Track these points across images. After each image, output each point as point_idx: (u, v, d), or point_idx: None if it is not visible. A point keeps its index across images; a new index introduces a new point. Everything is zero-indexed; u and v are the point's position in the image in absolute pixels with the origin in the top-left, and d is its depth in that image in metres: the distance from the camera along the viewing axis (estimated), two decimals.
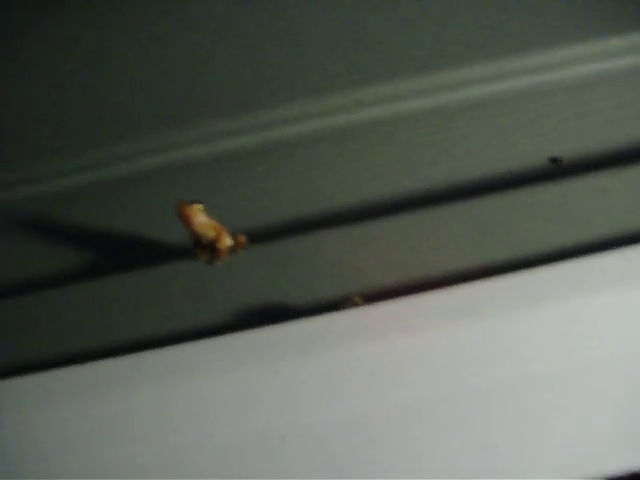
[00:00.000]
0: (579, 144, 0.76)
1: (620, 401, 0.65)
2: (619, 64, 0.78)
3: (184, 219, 0.71)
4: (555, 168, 0.75)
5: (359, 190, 0.76)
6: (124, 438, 0.66)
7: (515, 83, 0.78)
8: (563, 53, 0.78)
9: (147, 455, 0.65)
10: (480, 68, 0.78)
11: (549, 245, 0.72)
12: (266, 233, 0.75)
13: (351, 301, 0.69)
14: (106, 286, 0.75)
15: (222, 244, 0.72)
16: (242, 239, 0.73)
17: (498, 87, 0.78)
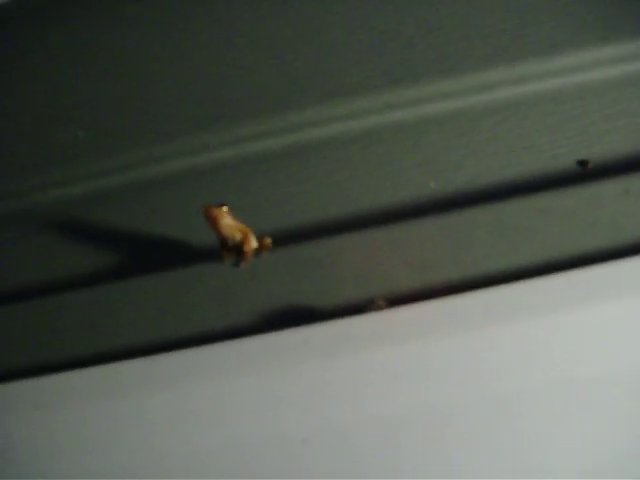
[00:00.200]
0: (607, 146, 0.75)
1: None
2: None
3: (211, 221, 0.72)
4: (582, 171, 0.74)
5: (384, 193, 0.76)
6: (145, 439, 0.67)
7: (542, 85, 0.77)
8: (590, 55, 0.77)
9: (169, 457, 0.66)
10: (506, 70, 0.78)
11: (576, 249, 0.71)
12: (291, 235, 0.75)
13: (375, 304, 0.69)
14: (132, 288, 0.75)
15: (248, 246, 0.73)
16: (268, 241, 0.74)
17: (524, 89, 0.77)
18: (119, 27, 0.87)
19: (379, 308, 0.68)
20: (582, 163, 0.74)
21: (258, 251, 0.74)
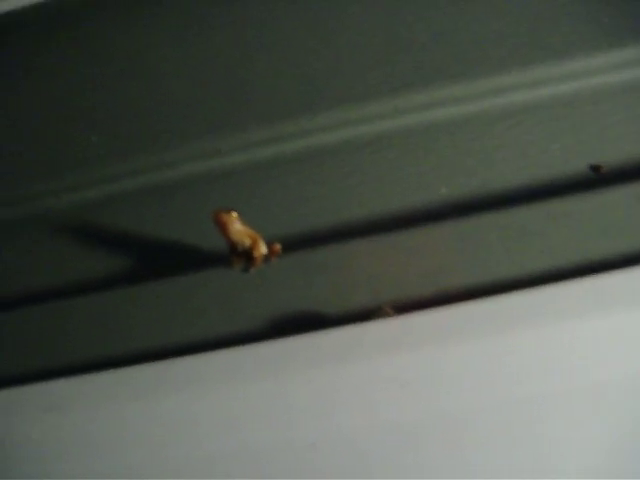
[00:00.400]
0: (620, 151, 0.74)
1: None
2: None
3: (220, 227, 0.72)
4: (595, 176, 0.73)
5: (395, 198, 0.76)
6: (154, 443, 0.67)
7: (554, 89, 0.76)
8: (603, 58, 0.76)
9: (178, 461, 0.66)
10: (519, 74, 0.77)
11: (589, 255, 0.70)
12: (301, 240, 0.75)
13: (383, 311, 0.68)
14: (143, 292, 0.76)
15: (258, 252, 0.73)
16: (277, 247, 0.74)
17: (537, 94, 0.77)
18: (133, 33, 0.88)
19: (386, 315, 0.68)
20: (595, 168, 0.73)
21: (267, 257, 0.74)
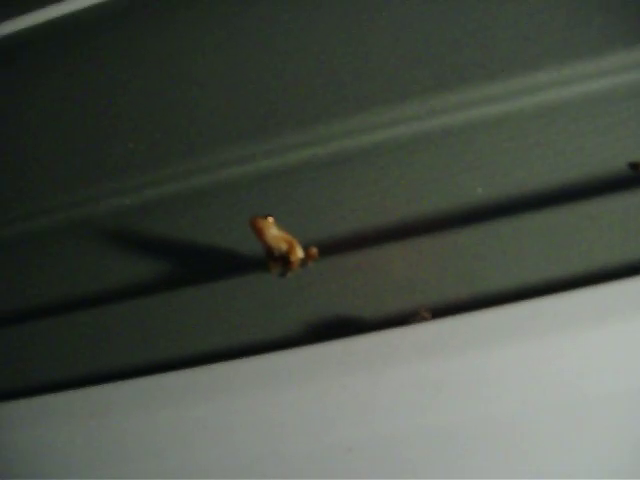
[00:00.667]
0: None
1: None
2: None
3: (257, 232, 0.72)
4: (634, 174, 0.72)
5: (430, 200, 0.75)
6: (192, 449, 0.68)
7: (591, 86, 0.75)
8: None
9: (214, 467, 0.67)
10: (555, 72, 0.76)
11: (629, 256, 0.69)
12: (336, 245, 0.75)
13: (419, 315, 0.68)
14: (179, 298, 0.77)
15: (294, 256, 0.73)
16: (314, 251, 0.74)
17: (573, 90, 0.75)
18: (167, 39, 0.88)
19: (424, 319, 0.67)
20: (634, 166, 0.72)
21: (304, 261, 0.74)
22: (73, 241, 0.84)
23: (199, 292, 0.76)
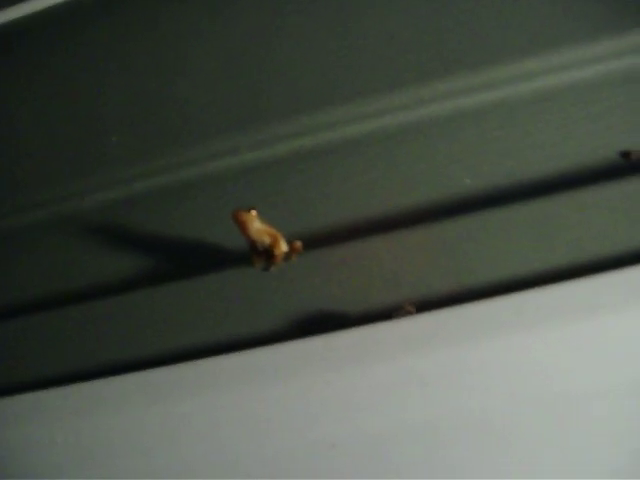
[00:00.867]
0: None
1: None
2: None
3: (240, 226, 0.71)
4: (625, 163, 0.70)
5: (416, 192, 0.74)
6: (176, 445, 0.67)
7: (581, 73, 0.74)
8: (633, 40, 0.73)
9: (199, 462, 0.66)
10: (543, 59, 0.74)
11: (620, 246, 0.67)
12: (320, 238, 0.74)
13: (404, 310, 0.67)
14: (162, 293, 0.76)
15: (278, 250, 0.72)
16: (298, 245, 0.73)
17: (563, 78, 0.74)
18: (150, 33, 0.87)
19: (408, 313, 0.66)
20: (625, 154, 0.70)
21: (288, 255, 0.73)
22: (57, 237, 0.83)
23: (182, 287, 0.75)
